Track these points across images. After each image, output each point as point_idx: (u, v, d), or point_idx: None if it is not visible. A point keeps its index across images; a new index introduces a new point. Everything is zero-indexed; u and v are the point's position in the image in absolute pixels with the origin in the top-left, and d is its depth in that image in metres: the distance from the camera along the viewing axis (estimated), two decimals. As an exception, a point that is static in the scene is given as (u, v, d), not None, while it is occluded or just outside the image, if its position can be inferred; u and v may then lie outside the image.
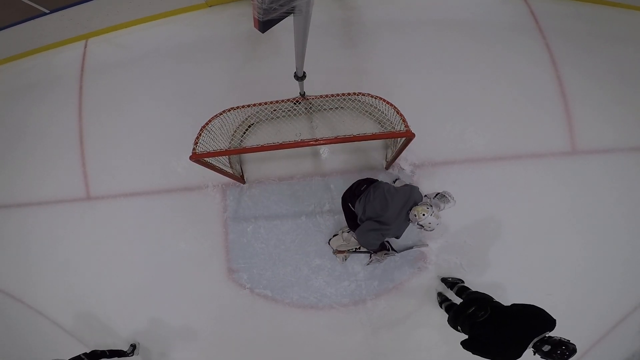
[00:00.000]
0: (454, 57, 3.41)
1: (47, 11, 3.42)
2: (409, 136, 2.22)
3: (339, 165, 3.26)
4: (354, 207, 2.51)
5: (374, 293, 3.15)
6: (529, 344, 1.92)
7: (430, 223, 2.14)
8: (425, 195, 2.76)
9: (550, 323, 1.98)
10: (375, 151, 3.25)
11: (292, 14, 1.36)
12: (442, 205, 2.67)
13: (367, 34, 3.54)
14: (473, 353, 2.09)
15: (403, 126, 2.26)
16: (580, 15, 3.57)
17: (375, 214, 2.32)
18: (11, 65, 4.02)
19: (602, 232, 3.10)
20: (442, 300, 2.97)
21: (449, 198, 2.71)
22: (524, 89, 3.32)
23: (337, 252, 3.12)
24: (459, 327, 2.34)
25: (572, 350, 1.82)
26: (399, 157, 2.78)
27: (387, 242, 3.06)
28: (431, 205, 2.16)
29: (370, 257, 3.09)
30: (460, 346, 2.12)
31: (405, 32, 3.51)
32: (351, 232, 2.95)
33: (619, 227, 3.10)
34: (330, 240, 3.17)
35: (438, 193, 2.77)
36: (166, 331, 3.27)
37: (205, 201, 3.29)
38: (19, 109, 3.81)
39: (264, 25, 1.33)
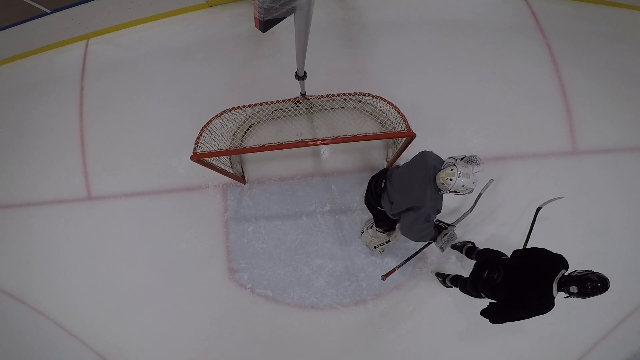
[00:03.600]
0: (455, 57, 3.41)
1: (49, 11, 3.42)
2: (410, 136, 2.23)
3: (340, 165, 3.26)
4: (381, 207, 2.38)
5: (375, 293, 3.15)
6: (551, 290, 1.88)
7: (463, 186, 1.85)
8: (450, 157, 2.26)
9: (559, 261, 1.96)
10: (376, 151, 3.25)
11: (293, 14, 1.36)
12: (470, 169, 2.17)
13: (368, 34, 3.54)
14: (500, 322, 2.06)
15: (404, 126, 2.27)
16: (581, 15, 3.57)
17: (402, 204, 2.11)
18: (12, 65, 4.02)
19: (603, 231, 3.10)
20: (444, 277, 2.96)
21: (478, 161, 2.16)
22: (524, 89, 3.32)
23: (371, 247, 3.09)
24: (482, 294, 2.30)
25: (599, 279, 1.75)
26: (400, 157, 2.78)
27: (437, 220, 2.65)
28: (455, 165, 1.88)
29: (437, 246, 2.58)
30: (481, 315, 2.10)
31: (406, 32, 3.51)
32: (374, 227, 2.87)
33: (619, 227, 3.10)
34: (361, 238, 3.15)
35: (465, 156, 2.23)
36: (166, 331, 3.26)
37: (206, 201, 3.29)
38: (20, 108, 3.81)
39: (265, 24, 1.34)
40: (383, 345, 3.13)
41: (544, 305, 1.92)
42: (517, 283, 2.03)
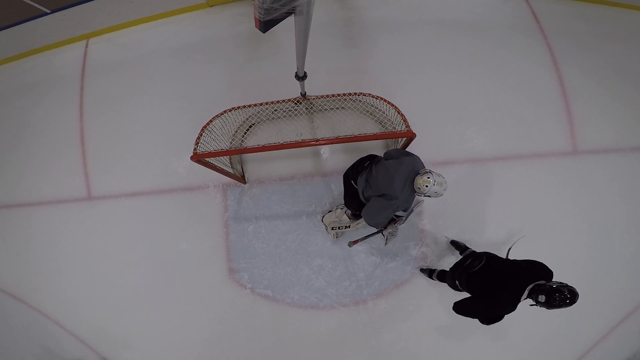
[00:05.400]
0: (455, 57, 3.41)
1: (49, 11, 3.41)
2: (410, 136, 2.23)
3: (340, 165, 3.25)
4: (355, 184, 2.46)
5: (375, 293, 3.15)
6: (523, 291, 1.88)
7: (436, 192, 2.05)
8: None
9: (547, 273, 1.97)
10: (376, 151, 3.22)
11: (293, 14, 1.36)
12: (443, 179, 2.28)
13: (368, 34, 3.54)
14: (466, 315, 2.11)
15: (404, 126, 2.27)
16: (582, 15, 3.57)
17: (379, 189, 2.24)
18: (12, 65, 4.02)
19: (603, 231, 3.10)
20: (430, 272, 2.99)
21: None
22: (525, 89, 3.32)
23: (329, 228, 3.10)
24: (456, 282, 2.35)
25: (569, 292, 1.73)
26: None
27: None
28: (431, 172, 2.06)
29: (384, 236, 2.69)
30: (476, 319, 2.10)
31: (405, 32, 3.51)
32: (345, 208, 2.94)
33: (620, 226, 3.10)
34: (323, 217, 3.16)
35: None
36: (167, 331, 3.26)
37: (206, 201, 3.29)
38: (20, 109, 3.81)
39: (265, 25, 1.33)
40: (383, 345, 3.13)
41: (510, 304, 1.93)
42: (494, 276, 2.06)
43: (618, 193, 3.13)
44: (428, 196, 2.09)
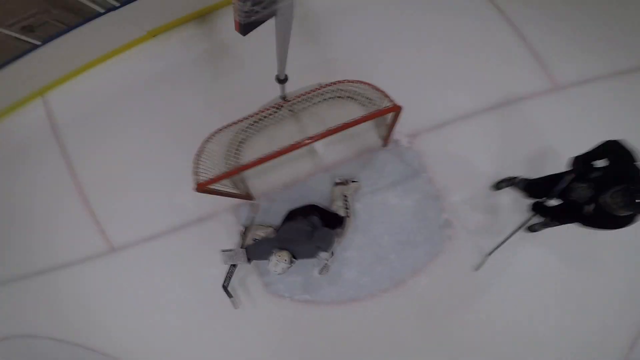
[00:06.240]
0: (412, 31, 3.45)
1: None
2: (396, 110, 2.22)
3: (338, 156, 3.26)
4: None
5: (412, 271, 3.12)
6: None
7: (275, 271, 2.27)
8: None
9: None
10: (368, 132, 3.24)
11: (274, 17, 1.35)
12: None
13: (325, 25, 3.53)
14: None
15: (387, 102, 2.25)
16: None
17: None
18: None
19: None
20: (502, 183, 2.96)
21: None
22: (485, 44, 3.36)
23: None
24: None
25: None
26: (393, 132, 2.77)
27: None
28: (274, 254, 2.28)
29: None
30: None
31: (357, 15, 3.52)
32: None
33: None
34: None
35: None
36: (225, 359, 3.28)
37: (221, 226, 3.30)
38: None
39: (245, 28, 1.32)
40: (435, 320, 3.10)
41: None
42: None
43: (609, 119, 3.10)
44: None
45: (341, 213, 2.95)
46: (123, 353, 3.43)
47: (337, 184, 3.10)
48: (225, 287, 2.92)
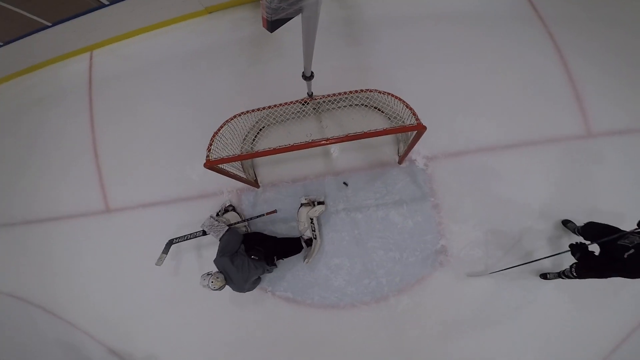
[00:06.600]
0: (457, 49, 3.40)
1: (50, 24, 3.43)
2: (420, 129, 2.19)
3: (351, 163, 3.25)
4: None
5: (396, 289, 3.12)
6: None
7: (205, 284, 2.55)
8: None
9: None
10: (387, 146, 3.23)
11: (301, 14, 1.35)
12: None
13: (369, 31, 3.54)
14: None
15: (413, 120, 2.24)
16: (577, 0, 3.49)
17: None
18: (18, 81, 4.10)
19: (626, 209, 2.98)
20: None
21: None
22: (531, 77, 3.29)
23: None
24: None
25: None
26: (411, 151, 2.75)
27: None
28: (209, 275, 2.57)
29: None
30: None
31: (405, 28, 3.51)
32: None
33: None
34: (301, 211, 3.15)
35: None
36: (191, 337, 3.32)
37: (219, 207, 3.29)
38: (30, 124, 3.89)
39: (273, 24, 1.31)
40: (408, 341, 3.10)
41: None
42: None
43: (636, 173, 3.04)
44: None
45: (308, 235, 3.04)
46: (97, 311, 3.47)
47: (302, 205, 3.09)
48: (170, 243, 2.99)
